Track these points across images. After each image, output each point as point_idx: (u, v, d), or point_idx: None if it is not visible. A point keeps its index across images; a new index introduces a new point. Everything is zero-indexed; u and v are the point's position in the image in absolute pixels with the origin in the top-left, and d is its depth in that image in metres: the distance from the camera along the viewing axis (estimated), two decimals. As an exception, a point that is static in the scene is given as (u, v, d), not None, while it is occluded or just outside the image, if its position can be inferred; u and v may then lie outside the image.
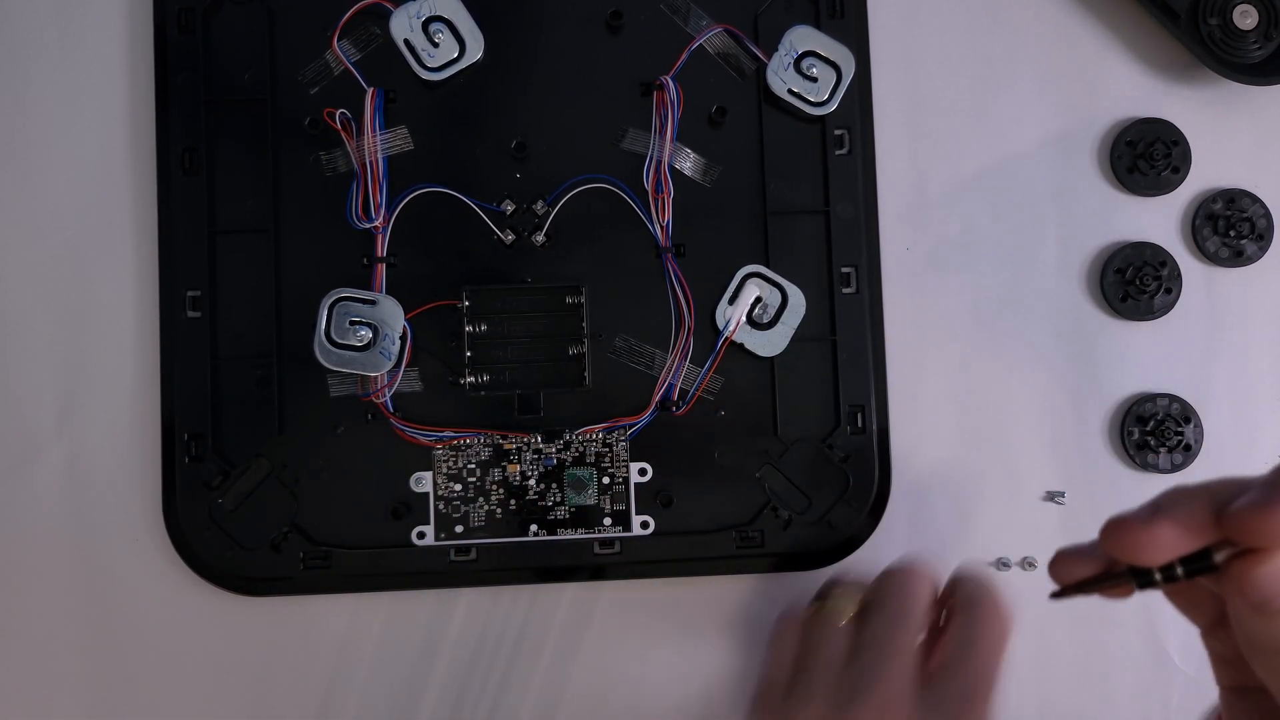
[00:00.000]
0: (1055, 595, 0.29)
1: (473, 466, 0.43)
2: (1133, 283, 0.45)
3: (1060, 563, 0.29)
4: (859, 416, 0.44)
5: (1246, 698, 0.29)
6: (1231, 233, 0.46)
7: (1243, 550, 0.25)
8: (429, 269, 0.44)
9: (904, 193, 0.46)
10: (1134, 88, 0.46)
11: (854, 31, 0.45)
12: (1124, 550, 0.26)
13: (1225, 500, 0.25)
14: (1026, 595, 0.44)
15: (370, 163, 0.43)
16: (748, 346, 0.43)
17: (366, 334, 0.42)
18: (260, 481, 0.43)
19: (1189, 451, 0.45)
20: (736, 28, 0.44)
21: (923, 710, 0.34)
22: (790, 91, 0.44)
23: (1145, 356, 0.46)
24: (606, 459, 0.43)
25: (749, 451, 0.44)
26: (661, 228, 0.44)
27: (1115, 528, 0.26)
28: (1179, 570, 0.26)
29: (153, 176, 0.44)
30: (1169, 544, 0.25)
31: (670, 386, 0.43)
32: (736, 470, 0.44)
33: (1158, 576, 0.26)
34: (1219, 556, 0.25)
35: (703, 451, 0.44)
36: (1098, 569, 0.28)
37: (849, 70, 0.44)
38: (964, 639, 0.35)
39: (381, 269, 0.43)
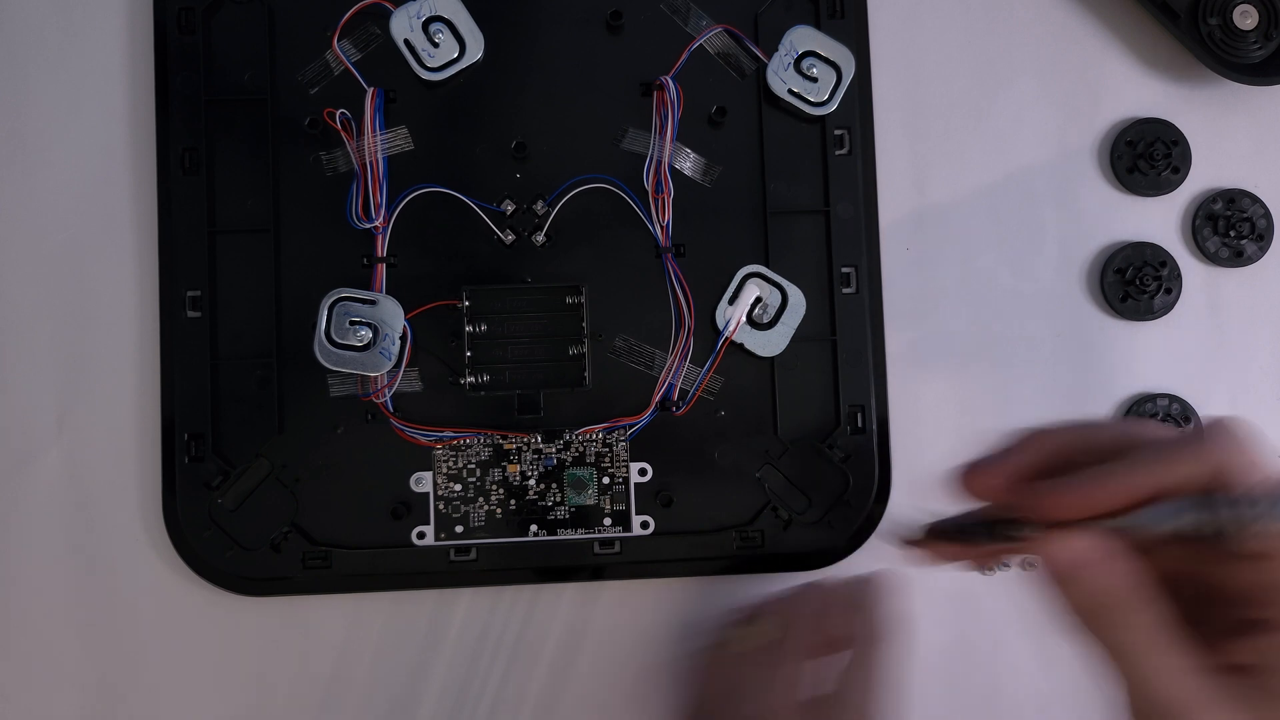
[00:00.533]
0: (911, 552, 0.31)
1: (473, 466, 0.43)
2: (1133, 283, 0.45)
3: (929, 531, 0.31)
4: (859, 416, 0.44)
5: None
6: (1231, 233, 0.46)
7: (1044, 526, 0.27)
8: (429, 269, 0.44)
9: (904, 193, 0.46)
10: (1134, 88, 0.46)
11: (854, 31, 0.45)
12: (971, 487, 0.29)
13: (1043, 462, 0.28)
14: (1027, 595, 0.45)
15: (370, 163, 0.43)
16: (748, 346, 0.43)
17: (366, 334, 0.42)
18: (260, 481, 0.43)
19: (1189, 451, 0.45)
20: (736, 28, 0.44)
21: None
22: (790, 91, 0.44)
23: (1145, 356, 0.46)
24: (606, 459, 0.43)
25: (749, 451, 0.44)
26: (661, 228, 0.44)
27: (956, 472, 0.30)
28: (995, 530, 0.29)
29: (153, 176, 0.44)
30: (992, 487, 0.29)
31: (670, 386, 0.43)
32: (736, 470, 0.43)
33: (983, 535, 0.29)
34: (1024, 531, 0.28)
35: (703, 451, 0.44)
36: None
37: (849, 70, 0.44)
38: (853, 668, 0.35)
39: (381, 269, 0.43)
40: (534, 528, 0.43)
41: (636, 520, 0.43)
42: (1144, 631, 0.26)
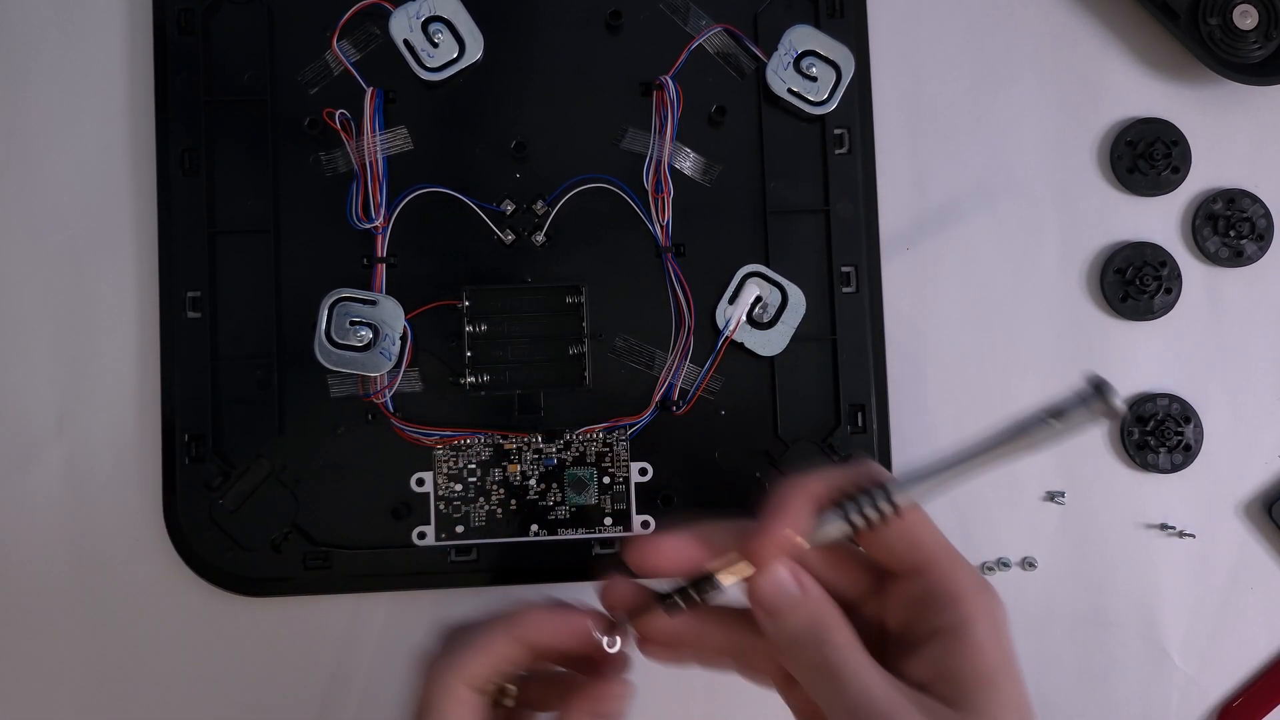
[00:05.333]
0: (608, 638, 0.30)
1: (473, 466, 0.43)
2: (1133, 283, 0.45)
3: (608, 590, 0.31)
4: (859, 416, 0.44)
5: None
6: (1231, 233, 0.46)
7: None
8: (429, 269, 0.44)
9: (904, 193, 0.46)
10: (1134, 88, 0.46)
11: (854, 31, 0.45)
12: (638, 563, 0.29)
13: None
14: (1027, 595, 0.45)
15: (370, 163, 0.43)
16: (748, 346, 0.43)
17: (366, 334, 0.42)
18: (261, 482, 0.43)
19: (1189, 451, 0.45)
20: (736, 27, 0.44)
21: None
22: (790, 91, 0.44)
23: (1145, 356, 0.46)
24: (607, 459, 0.43)
25: (749, 451, 0.44)
26: (661, 227, 0.44)
27: (632, 546, 0.29)
28: (691, 592, 0.29)
29: (153, 177, 0.44)
30: (671, 556, 0.29)
31: (670, 386, 0.43)
32: (736, 470, 0.43)
33: (675, 598, 0.29)
34: (723, 577, 0.29)
35: (703, 451, 0.44)
36: (642, 597, 0.30)
37: (849, 70, 0.44)
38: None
39: (381, 269, 0.43)
40: (534, 528, 0.43)
41: (637, 520, 0.43)
42: (843, 650, 0.28)
